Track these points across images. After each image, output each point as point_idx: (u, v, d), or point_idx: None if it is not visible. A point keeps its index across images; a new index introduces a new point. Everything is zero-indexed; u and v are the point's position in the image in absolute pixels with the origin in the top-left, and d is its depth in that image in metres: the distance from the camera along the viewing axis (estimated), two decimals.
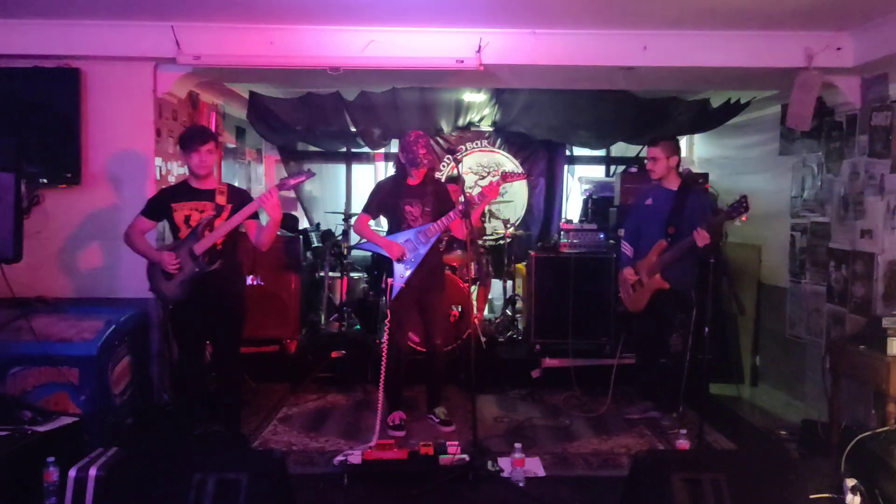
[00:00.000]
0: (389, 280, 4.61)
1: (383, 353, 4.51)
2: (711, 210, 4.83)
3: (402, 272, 4.59)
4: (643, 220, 4.98)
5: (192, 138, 4.12)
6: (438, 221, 4.56)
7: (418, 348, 5.37)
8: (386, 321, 4.62)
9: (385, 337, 4.58)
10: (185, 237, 4.09)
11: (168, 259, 4.04)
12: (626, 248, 5.07)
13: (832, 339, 4.99)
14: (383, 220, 5.05)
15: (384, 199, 4.74)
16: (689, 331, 4.78)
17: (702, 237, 4.43)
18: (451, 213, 4.52)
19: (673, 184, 4.89)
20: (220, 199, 4.13)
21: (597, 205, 7.03)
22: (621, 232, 5.47)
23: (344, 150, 7.91)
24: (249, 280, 5.98)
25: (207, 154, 4.10)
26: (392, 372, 4.62)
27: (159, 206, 4.23)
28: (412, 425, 4.82)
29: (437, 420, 4.82)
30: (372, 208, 4.77)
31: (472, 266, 6.15)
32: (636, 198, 5.35)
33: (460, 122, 7.16)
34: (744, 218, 4.37)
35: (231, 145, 7.12)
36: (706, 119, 6.52)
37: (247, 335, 4.53)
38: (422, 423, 4.89)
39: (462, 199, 4.37)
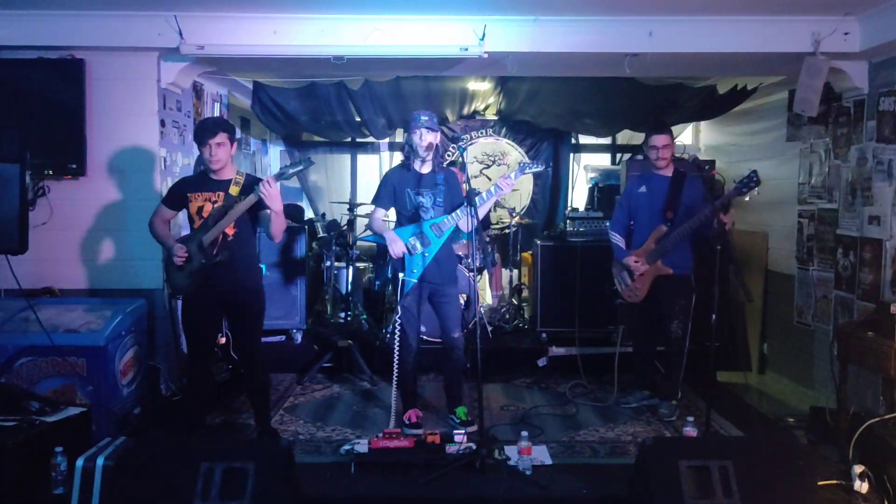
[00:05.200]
0: (399, 275, 4.44)
1: (395, 351, 4.41)
2: (706, 194, 4.79)
3: (413, 267, 4.42)
4: (637, 208, 4.92)
5: (202, 131, 4.06)
6: (453, 214, 4.40)
7: (428, 339, 5.31)
8: (396, 317, 4.47)
9: (396, 334, 4.45)
10: (198, 228, 4.05)
11: (178, 250, 4.02)
12: (618, 240, 4.96)
13: (840, 325, 4.97)
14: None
15: (394, 188, 4.54)
16: (689, 317, 4.77)
17: (727, 218, 4.40)
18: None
19: (668, 170, 4.86)
20: (234, 190, 4.04)
21: (602, 193, 7.01)
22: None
23: (349, 139, 7.90)
24: None
25: (218, 147, 4.02)
26: (405, 370, 4.49)
27: (177, 196, 4.19)
28: (429, 420, 4.74)
29: (458, 421, 4.57)
30: (383, 200, 4.57)
31: (478, 255, 6.12)
32: (627, 188, 5.26)
33: (465, 111, 7.14)
34: (755, 193, 4.37)
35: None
36: (713, 106, 6.48)
37: None
38: (440, 422, 4.74)
39: (466, 187, 4.29)
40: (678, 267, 4.75)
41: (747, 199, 4.38)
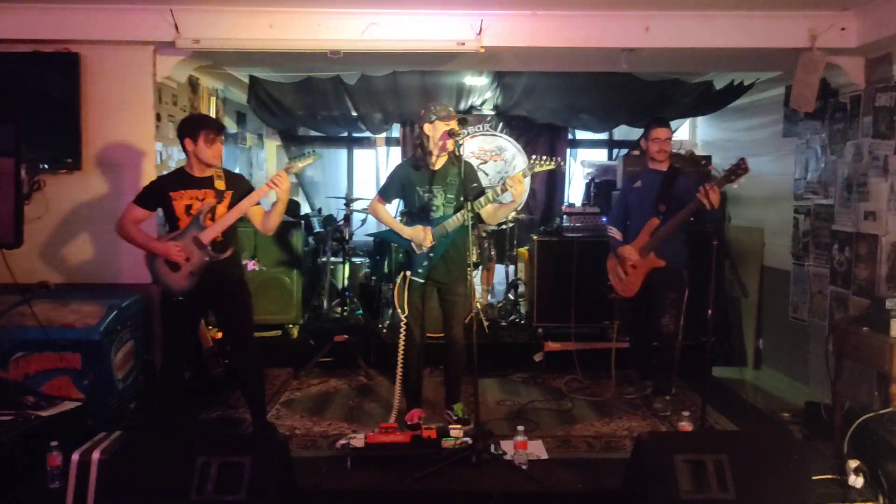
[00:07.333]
0: (406, 273, 4.37)
1: (400, 349, 4.35)
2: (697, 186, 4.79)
3: (418, 266, 4.35)
4: (633, 202, 4.93)
5: (207, 128, 3.95)
6: (457, 215, 4.26)
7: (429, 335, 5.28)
8: (403, 316, 4.36)
9: (402, 332, 4.38)
10: (187, 226, 3.95)
11: (174, 250, 3.89)
12: (615, 233, 4.99)
13: (835, 321, 4.98)
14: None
15: (402, 184, 4.42)
16: (682, 312, 4.77)
17: (714, 193, 4.33)
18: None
19: (664, 165, 4.86)
20: (220, 185, 3.98)
21: (599, 188, 7.01)
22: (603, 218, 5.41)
23: (345, 134, 7.89)
24: (251, 265, 6.00)
25: (221, 144, 4.01)
26: (410, 368, 4.44)
27: (155, 195, 4.02)
28: (425, 413, 4.70)
29: (455, 418, 4.52)
30: (388, 194, 4.46)
31: (474, 250, 6.12)
32: (624, 183, 5.32)
33: (462, 106, 7.12)
34: (742, 180, 4.33)
35: (232, 130, 7.09)
36: (709, 101, 6.48)
37: None
38: (436, 416, 4.69)
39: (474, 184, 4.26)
40: (671, 261, 4.75)
41: (735, 186, 4.37)
